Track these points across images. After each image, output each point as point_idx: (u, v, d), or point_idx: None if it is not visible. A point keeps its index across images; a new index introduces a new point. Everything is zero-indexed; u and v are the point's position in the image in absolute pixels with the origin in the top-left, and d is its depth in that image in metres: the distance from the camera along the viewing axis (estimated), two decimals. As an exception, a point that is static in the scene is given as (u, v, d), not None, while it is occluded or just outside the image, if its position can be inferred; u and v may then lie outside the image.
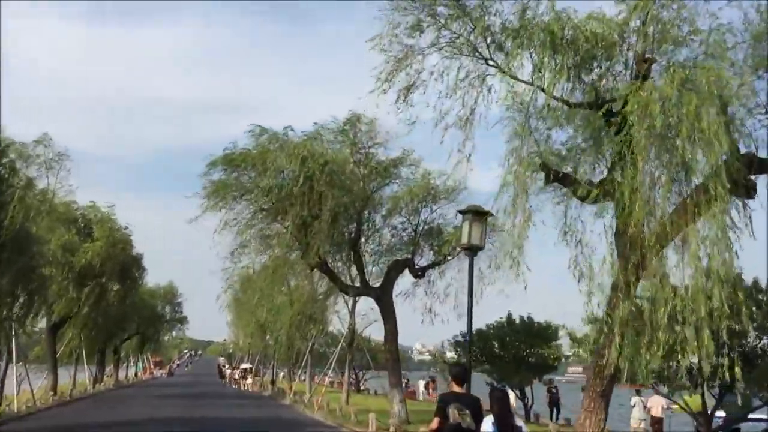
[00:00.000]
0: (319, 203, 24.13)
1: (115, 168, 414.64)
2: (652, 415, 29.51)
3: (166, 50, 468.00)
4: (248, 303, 62.41)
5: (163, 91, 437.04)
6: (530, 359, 30.74)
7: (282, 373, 72.88)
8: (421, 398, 49.27)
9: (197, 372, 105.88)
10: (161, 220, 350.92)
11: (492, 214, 17.06)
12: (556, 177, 15.60)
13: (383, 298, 25.84)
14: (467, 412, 9.25)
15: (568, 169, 15.72)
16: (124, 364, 79.77)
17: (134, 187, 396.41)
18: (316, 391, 39.87)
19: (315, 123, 25.29)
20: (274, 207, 25.41)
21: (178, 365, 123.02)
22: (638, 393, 30.38)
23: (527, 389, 31.24)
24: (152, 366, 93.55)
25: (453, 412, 9.18)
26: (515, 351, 30.77)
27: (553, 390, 32.19)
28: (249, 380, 61.42)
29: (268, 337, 57.68)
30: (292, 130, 24.49)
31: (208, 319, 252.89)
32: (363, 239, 26.71)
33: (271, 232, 26.93)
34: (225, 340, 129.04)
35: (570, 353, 31.28)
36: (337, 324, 41.76)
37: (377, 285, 26.65)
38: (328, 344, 50.48)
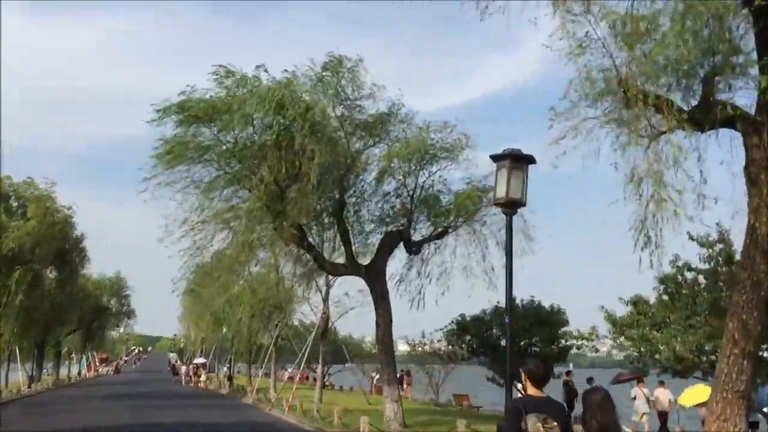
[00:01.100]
0: (299, 161, 19.71)
1: (58, 159, 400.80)
2: (657, 410, 26.40)
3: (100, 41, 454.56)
4: (203, 293, 57.90)
5: (96, 82, 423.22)
6: (536, 349, 26.73)
7: (238, 369, 68.15)
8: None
9: (146, 369, 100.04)
10: (107, 211, 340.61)
11: (535, 161, 13.05)
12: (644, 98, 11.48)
13: (375, 277, 21.50)
14: (554, 424, 6.26)
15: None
16: (66, 362, 73.98)
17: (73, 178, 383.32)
18: (284, 388, 35.24)
19: (286, 70, 20.70)
20: (240, 169, 20.89)
21: (125, 362, 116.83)
22: (639, 382, 27.18)
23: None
24: (97, 363, 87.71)
25: (534, 425, 6.21)
26: (519, 339, 26.68)
27: (570, 383, 28.27)
28: (203, 377, 56.38)
29: (225, 329, 52.83)
30: (265, 70, 19.97)
31: (157, 313, 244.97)
32: (349, 208, 22.29)
33: (237, 200, 22.27)
34: (175, 335, 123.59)
35: (578, 343, 27.31)
36: (307, 313, 36.95)
37: (365, 263, 22.28)
38: (290, 337, 45.86)
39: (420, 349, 37.08)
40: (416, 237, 22.46)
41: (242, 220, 21.75)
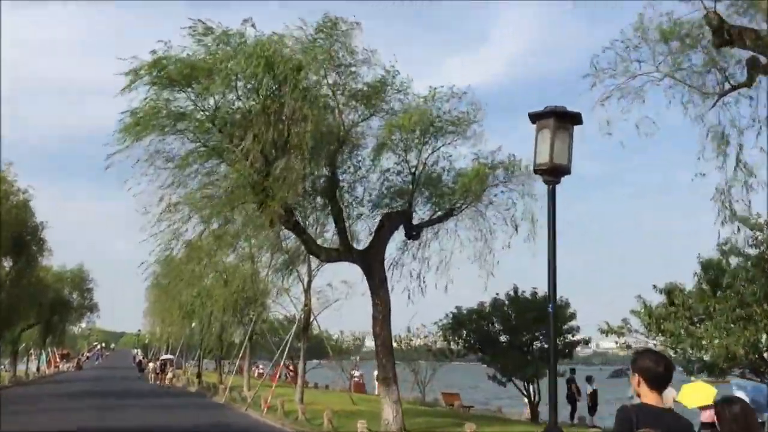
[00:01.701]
0: (288, 129, 17.33)
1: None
2: None
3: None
4: (170, 286, 55.01)
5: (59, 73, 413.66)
6: (540, 345, 24.65)
7: (205, 366, 65.12)
8: (377, 392, 42.79)
9: (110, 365, 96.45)
10: (69, 203, 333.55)
11: (582, 120, 11.03)
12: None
13: (372, 264, 19.13)
14: None
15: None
16: (24, 358, 70.51)
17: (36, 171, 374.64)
18: (260, 386, 32.71)
19: (274, 33, 18.19)
20: (221, 140, 18.43)
21: (87, 358, 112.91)
22: None
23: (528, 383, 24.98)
24: (58, 359, 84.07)
25: None
26: (521, 334, 24.60)
27: (574, 381, 26.36)
28: (169, 374, 53.43)
29: (194, 324, 50.06)
30: (252, 26, 17.48)
31: (121, 308, 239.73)
32: (343, 186, 19.91)
33: (216, 177, 19.75)
34: (139, 330, 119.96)
35: (585, 338, 25.24)
36: (286, 305, 34.40)
37: (360, 248, 19.92)
38: (265, 332, 43.41)
39: (405, 344, 34.82)
40: (416, 220, 20.16)
41: (222, 200, 19.28)
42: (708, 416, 22.71)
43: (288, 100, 16.58)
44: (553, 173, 10.30)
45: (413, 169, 19.63)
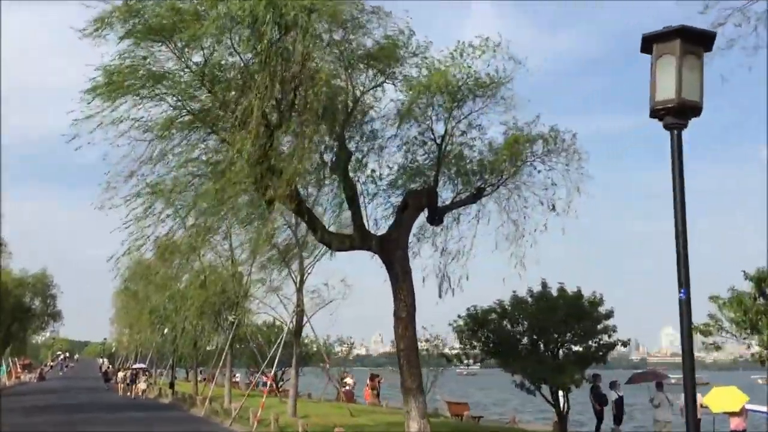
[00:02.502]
0: (296, 87, 14.27)
1: None
2: None
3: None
4: (140, 290, 51.40)
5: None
6: (574, 348, 21.73)
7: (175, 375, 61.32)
8: (368, 400, 39.62)
9: (75, 375, 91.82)
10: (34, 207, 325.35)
11: (712, 45, 8.19)
12: None
13: (393, 252, 16.00)
14: None
15: None
16: (-17, 369, 66.21)
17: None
18: (247, 397, 29.28)
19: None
20: (212, 102, 15.30)
21: (51, 368, 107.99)
22: (660, 387, 22.87)
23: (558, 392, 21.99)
24: (19, 369, 79.54)
25: None
26: (550, 335, 21.64)
27: (599, 388, 23.55)
28: (142, 384, 49.65)
29: (166, 330, 46.42)
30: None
31: (85, 317, 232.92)
32: (357, 158, 16.76)
33: (204, 151, 16.51)
34: (105, 339, 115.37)
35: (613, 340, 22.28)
36: (275, 305, 31.00)
37: (379, 234, 16.80)
38: (248, 337, 40.08)
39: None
40: (440, 201, 17.12)
41: (211, 180, 16.02)
42: (737, 423, 19.83)
43: (297, 47, 13.46)
44: (681, 114, 7.39)
45: (441, 139, 16.60)
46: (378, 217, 17.31)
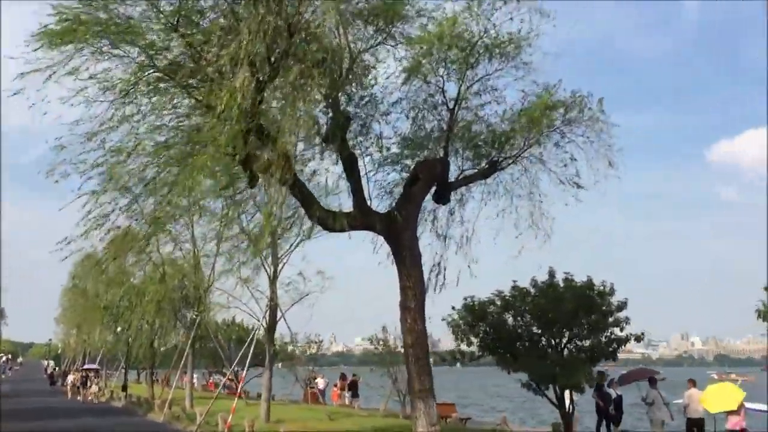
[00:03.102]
0: (289, 34, 12.02)
1: None
2: (689, 417, 20.54)
3: None
4: (89, 287, 48.33)
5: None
6: (583, 343, 19.79)
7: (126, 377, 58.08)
8: (336, 401, 37.25)
9: (19, 379, 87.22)
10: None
11: None
12: None
13: (400, 233, 13.77)
14: None
15: None
16: None
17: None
18: (214, 400, 26.61)
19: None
20: (188, 55, 12.92)
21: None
22: (653, 384, 21.77)
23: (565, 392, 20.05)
24: (-42, 374, 75.23)
25: None
26: (559, 331, 19.68)
27: (603, 387, 21.80)
28: (94, 387, 46.29)
29: (119, 329, 43.28)
30: None
31: (29, 317, 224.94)
32: (358, 123, 14.47)
33: (171, 114, 14.02)
34: (50, 340, 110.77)
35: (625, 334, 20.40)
36: (242, 302, 28.39)
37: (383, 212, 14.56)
38: (214, 335, 37.47)
39: (383, 347, 29.53)
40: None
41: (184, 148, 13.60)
42: (735, 423, 18.10)
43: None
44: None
45: (451, 104, 14.44)
46: (380, 195, 15.07)
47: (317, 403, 36.75)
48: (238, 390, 29.61)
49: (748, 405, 19.92)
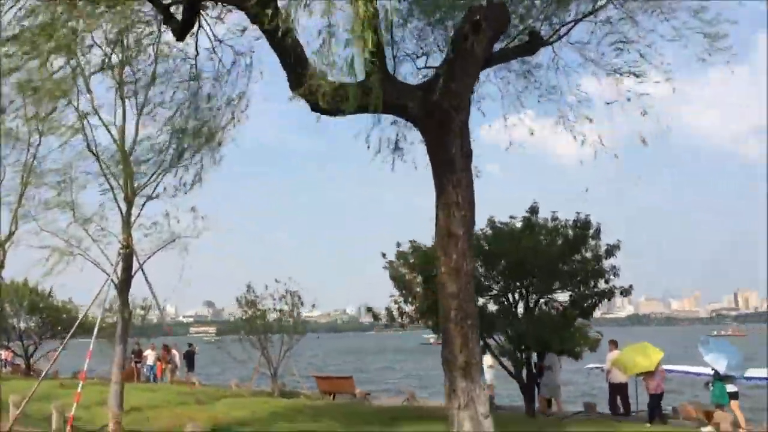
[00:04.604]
0: None
1: None
2: (610, 382, 19.11)
3: None
4: None
5: None
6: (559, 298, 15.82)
7: None
8: (163, 378, 30.78)
9: None
10: None
11: None
12: None
13: (449, 118, 8.62)
14: None
15: None
16: None
17: None
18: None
19: None
20: None
21: None
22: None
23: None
24: None
25: None
26: (531, 283, 15.52)
27: None
28: None
29: None
30: None
31: None
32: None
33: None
34: None
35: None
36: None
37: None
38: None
39: (249, 309, 23.90)
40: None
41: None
42: (655, 386, 15.25)
43: None
44: None
45: None
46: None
47: (132, 380, 29.86)
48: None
49: (749, 373, 17.15)
